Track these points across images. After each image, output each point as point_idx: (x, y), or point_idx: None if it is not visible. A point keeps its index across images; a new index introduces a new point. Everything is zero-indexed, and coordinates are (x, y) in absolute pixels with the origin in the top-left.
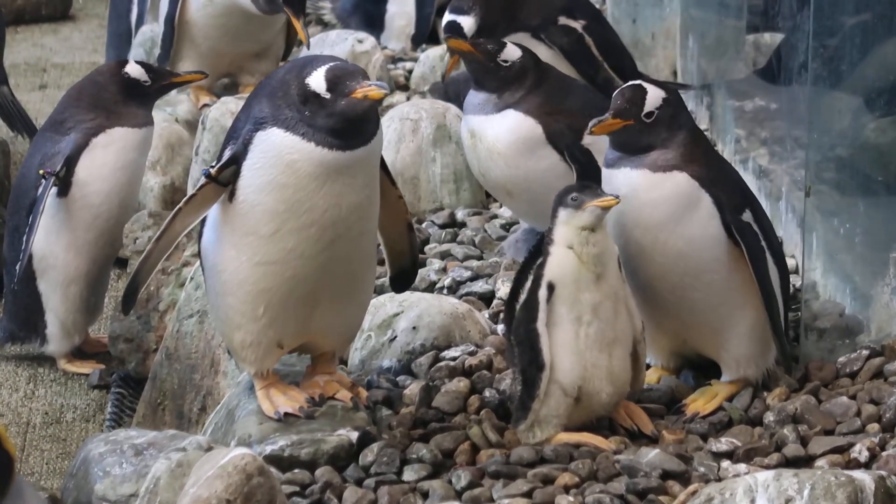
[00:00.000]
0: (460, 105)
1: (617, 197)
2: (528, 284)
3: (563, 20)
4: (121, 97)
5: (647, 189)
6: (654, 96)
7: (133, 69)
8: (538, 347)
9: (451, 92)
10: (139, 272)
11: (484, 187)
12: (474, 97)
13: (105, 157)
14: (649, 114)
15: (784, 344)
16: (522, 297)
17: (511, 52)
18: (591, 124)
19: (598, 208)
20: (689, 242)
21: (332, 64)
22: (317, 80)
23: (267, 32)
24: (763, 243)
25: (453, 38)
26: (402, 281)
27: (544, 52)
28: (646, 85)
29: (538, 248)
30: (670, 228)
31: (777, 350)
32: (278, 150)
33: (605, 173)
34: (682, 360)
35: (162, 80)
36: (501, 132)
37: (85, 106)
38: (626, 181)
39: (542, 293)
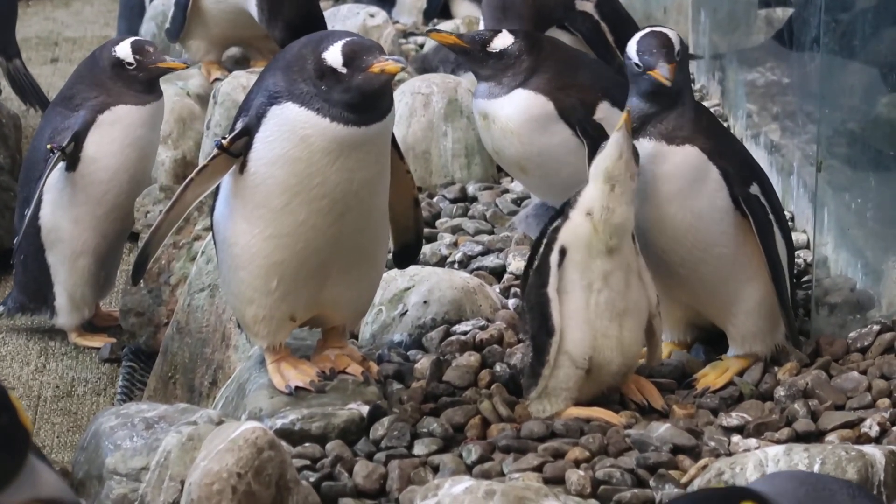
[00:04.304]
0: None
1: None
2: (542, 249)
3: (579, 4)
4: (113, 75)
5: (658, 162)
6: (504, 41)
7: (122, 49)
8: (548, 312)
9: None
10: (149, 243)
11: (497, 164)
12: (481, 84)
13: (113, 133)
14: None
15: (791, 318)
16: (536, 262)
17: (501, 41)
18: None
19: (615, 132)
20: (698, 216)
21: (348, 39)
22: (333, 55)
23: None
24: (771, 216)
25: (434, 31)
26: (406, 256)
27: (568, 40)
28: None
29: (558, 213)
30: (679, 202)
31: (784, 325)
32: (292, 125)
33: None
34: (695, 333)
35: (147, 63)
36: (513, 112)
37: (88, 83)
38: (641, 152)
39: (554, 257)
